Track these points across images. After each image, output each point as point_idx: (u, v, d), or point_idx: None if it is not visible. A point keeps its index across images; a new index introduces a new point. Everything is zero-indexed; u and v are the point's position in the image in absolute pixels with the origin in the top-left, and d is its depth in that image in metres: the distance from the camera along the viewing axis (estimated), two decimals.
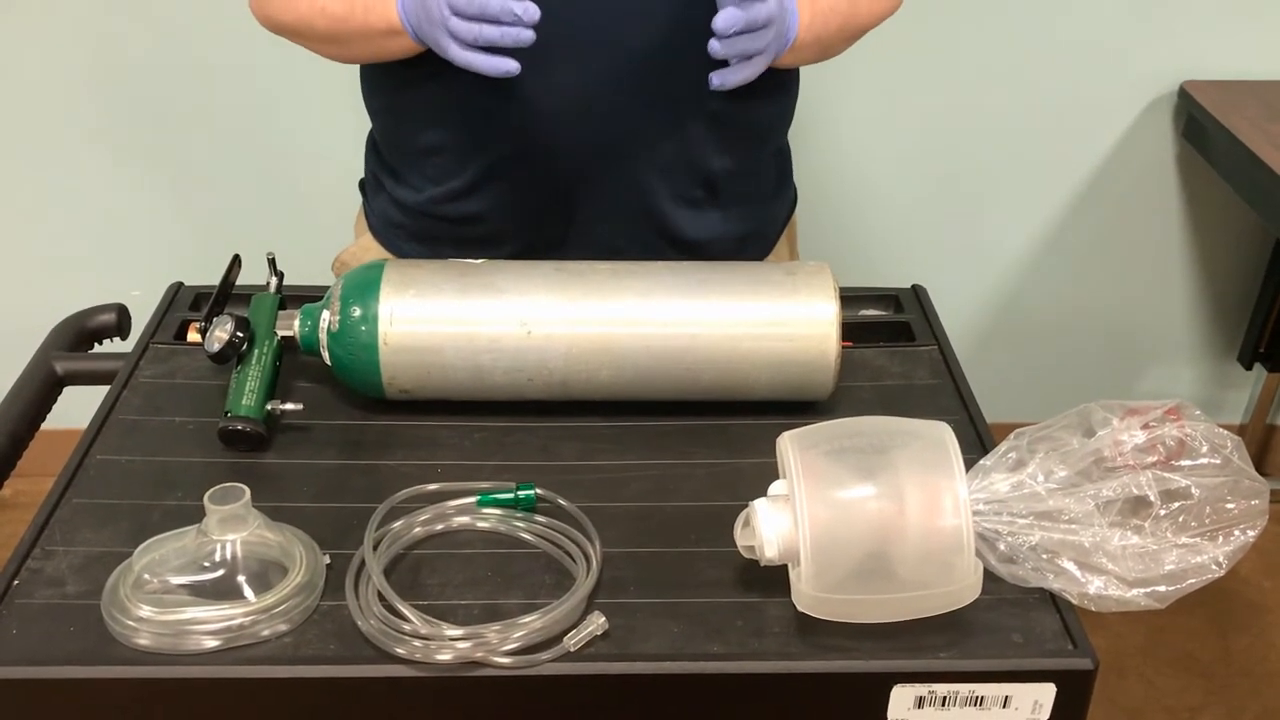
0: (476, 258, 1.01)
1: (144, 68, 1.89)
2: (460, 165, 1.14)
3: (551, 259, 1.12)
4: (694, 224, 1.17)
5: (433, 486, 0.88)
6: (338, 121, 1.80)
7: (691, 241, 1.17)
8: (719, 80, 1.02)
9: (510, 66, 0.97)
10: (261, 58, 1.87)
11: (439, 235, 1.19)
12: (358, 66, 1.19)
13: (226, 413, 0.94)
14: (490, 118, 1.10)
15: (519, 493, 0.87)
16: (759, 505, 0.79)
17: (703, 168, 1.15)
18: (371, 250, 1.24)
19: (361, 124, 1.25)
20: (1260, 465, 2.32)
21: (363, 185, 1.29)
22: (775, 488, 0.81)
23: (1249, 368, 2.19)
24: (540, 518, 0.86)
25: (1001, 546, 0.79)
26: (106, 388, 1.02)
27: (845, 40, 1.15)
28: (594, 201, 1.13)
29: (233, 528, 0.79)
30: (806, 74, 1.21)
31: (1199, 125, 1.90)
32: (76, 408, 1.10)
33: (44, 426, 1.05)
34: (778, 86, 1.17)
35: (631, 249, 1.15)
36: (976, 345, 2.18)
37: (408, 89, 1.13)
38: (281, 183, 1.98)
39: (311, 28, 1.10)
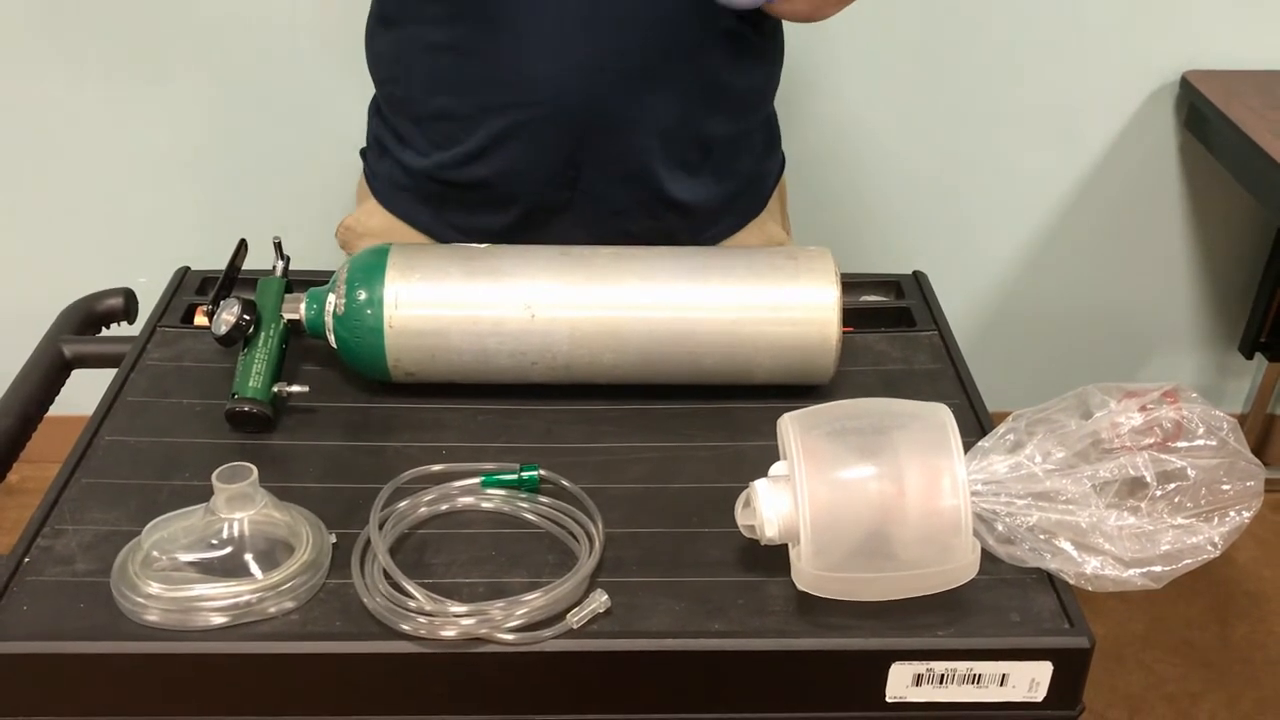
0: (482, 220, 1.01)
1: (149, 52, 1.90)
2: (466, 131, 1.15)
3: (555, 221, 1.14)
4: (690, 186, 1.20)
5: (437, 467, 0.89)
6: (343, 102, 1.80)
7: (688, 203, 1.20)
8: None
9: None
10: (266, 42, 1.88)
11: (446, 198, 1.20)
12: (364, 38, 1.21)
13: (233, 395, 0.94)
14: (496, 85, 1.12)
15: (523, 474, 0.88)
16: (759, 485, 0.80)
17: (699, 132, 1.18)
18: (376, 215, 1.26)
19: (365, 100, 1.26)
20: (1261, 454, 2.32)
21: (364, 151, 1.30)
22: (776, 468, 0.82)
23: (1250, 357, 2.19)
24: (544, 498, 0.87)
25: (999, 527, 0.80)
26: (114, 371, 1.03)
27: (837, 3, 1.13)
28: (597, 166, 1.15)
29: (240, 506, 0.80)
30: (809, 64, 1.22)
31: (1201, 115, 1.91)
32: (83, 394, 1.11)
33: (51, 413, 1.06)
34: (764, 57, 1.21)
35: (632, 210, 1.18)
36: (977, 334, 2.19)
37: (414, 56, 1.15)
38: (287, 167, 1.99)
39: None
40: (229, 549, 0.79)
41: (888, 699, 0.78)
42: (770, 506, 0.79)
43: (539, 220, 1.17)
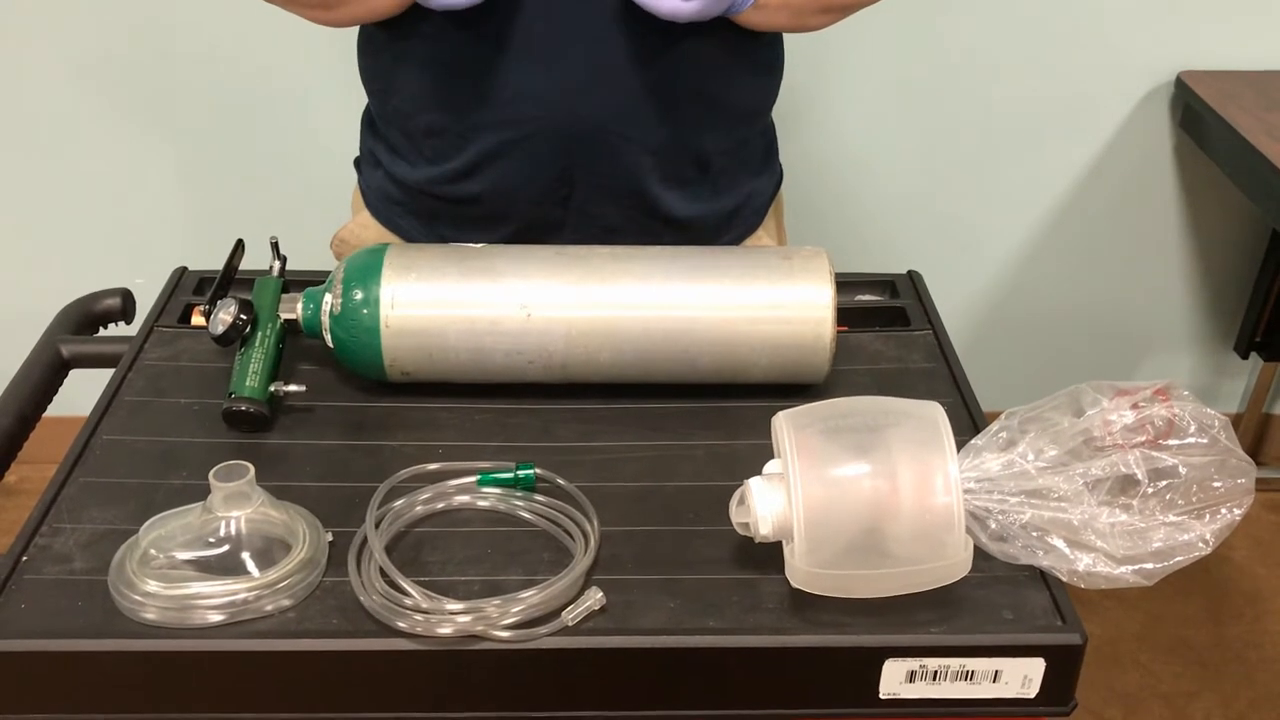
0: (475, 237, 1.02)
1: (146, 56, 1.90)
2: (457, 147, 1.15)
3: (549, 239, 1.14)
4: (686, 201, 1.19)
5: (434, 466, 0.89)
6: (338, 104, 1.81)
7: (684, 219, 1.19)
8: None
9: None
10: (262, 43, 1.88)
11: (437, 213, 1.20)
12: (355, 48, 1.20)
13: (230, 394, 0.95)
14: (486, 101, 1.11)
15: (519, 472, 0.89)
16: (754, 483, 0.81)
17: (694, 147, 1.17)
18: (370, 227, 1.25)
19: (361, 105, 1.26)
20: (1256, 453, 2.33)
21: (358, 162, 1.30)
22: (770, 466, 0.82)
23: (1245, 357, 2.20)
24: (540, 497, 0.88)
25: (992, 524, 0.80)
26: (111, 371, 1.04)
27: (823, 13, 1.13)
28: (590, 183, 1.15)
29: (237, 504, 0.80)
30: (805, 63, 1.22)
31: (1196, 115, 1.91)
32: (81, 394, 1.11)
33: (48, 413, 1.06)
34: (764, 67, 1.19)
35: (627, 227, 1.17)
36: (972, 334, 2.19)
37: (405, 71, 1.15)
38: (284, 168, 1.99)
39: None
40: (226, 547, 0.80)
41: (881, 695, 0.79)
42: (765, 504, 0.79)
43: (532, 238, 1.16)
